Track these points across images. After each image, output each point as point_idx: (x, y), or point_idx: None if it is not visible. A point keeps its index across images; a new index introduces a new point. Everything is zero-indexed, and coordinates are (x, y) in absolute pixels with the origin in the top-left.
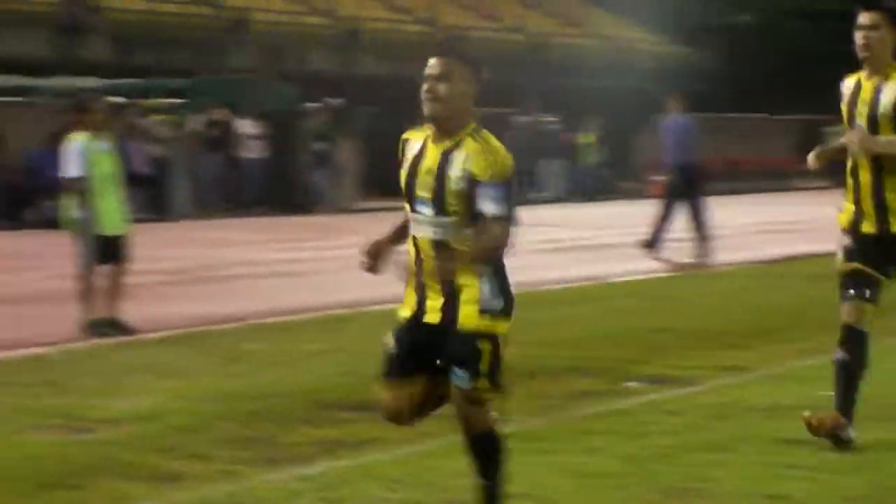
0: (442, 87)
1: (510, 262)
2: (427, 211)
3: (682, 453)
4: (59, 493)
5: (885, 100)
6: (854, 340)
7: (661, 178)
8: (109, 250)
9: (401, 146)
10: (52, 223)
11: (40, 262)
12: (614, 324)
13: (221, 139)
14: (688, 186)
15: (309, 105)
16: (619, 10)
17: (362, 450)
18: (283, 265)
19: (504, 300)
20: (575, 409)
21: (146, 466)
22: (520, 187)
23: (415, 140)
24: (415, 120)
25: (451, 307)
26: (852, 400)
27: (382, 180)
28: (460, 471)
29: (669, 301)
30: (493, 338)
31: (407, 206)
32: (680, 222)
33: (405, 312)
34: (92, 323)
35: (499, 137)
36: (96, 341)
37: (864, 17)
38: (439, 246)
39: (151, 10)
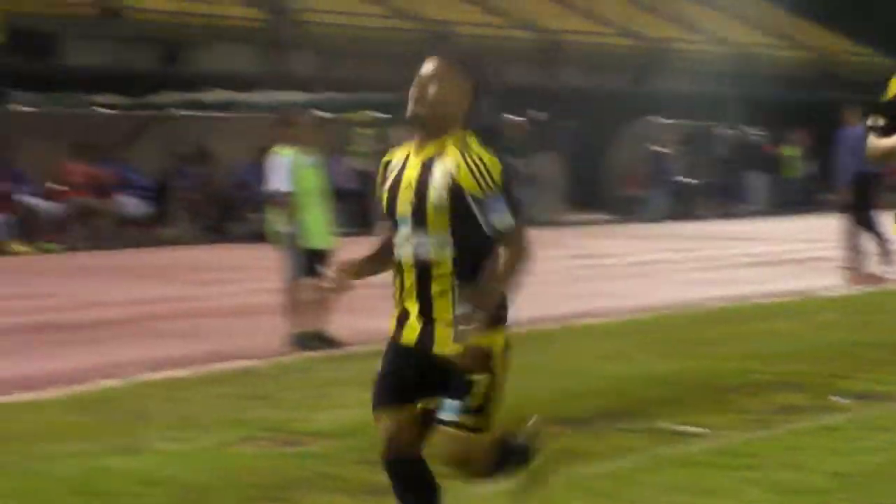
0: (431, 89)
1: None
2: (406, 228)
3: (892, 470)
4: None
5: None
6: None
7: (840, 191)
8: (316, 264)
9: (381, 168)
10: (258, 236)
11: (247, 274)
12: (819, 338)
13: None
14: (862, 198)
15: (509, 118)
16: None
17: (567, 463)
18: None
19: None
20: (781, 425)
21: (352, 479)
22: (724, 199)
23: (396, 159)
24: (615, 132)
25: (428, 331)
26: None
27: (585, 193)
28: (667, 486)
29: (875, 315)
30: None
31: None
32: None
33: (393, 335)
34: (298, 336)
35: (704, 150)
36: (303, 354)
37: None
38: (420, 266)
39: (355, 24)
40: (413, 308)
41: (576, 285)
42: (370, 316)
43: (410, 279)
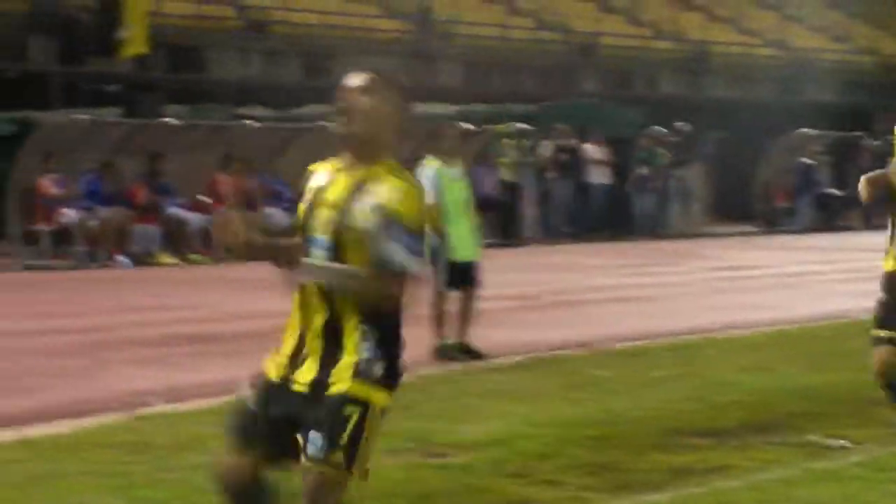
0: (364, 100)
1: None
2: (320, 254)
3: None
4: None
5: None
6: None
7: None
8: (461, 276)
9: (305, 178)
10: None
11: None
12: None
13: (570, 164)
14: None
15: (654, 129)
16: None
17: (713, 477)
18: (630, 290)
19: (386, 367)
20: None
21: (498, 492)
22: (871, 210)
23: (322, 171)
24: (761, 143)
25: (325, 374)
26: None
27: (730, 205)
28: (813, 499)
29: None
30: (364, 405)
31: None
32: None
33: (271, 372)
34: (442, 348)
35: (851, 161)
36: (448, 366)
37: None
38: (328, 298)
39: (502, 35)
40: (316, 349)
41: (718, 297)
42: (512, 328)
43: (320, 315)
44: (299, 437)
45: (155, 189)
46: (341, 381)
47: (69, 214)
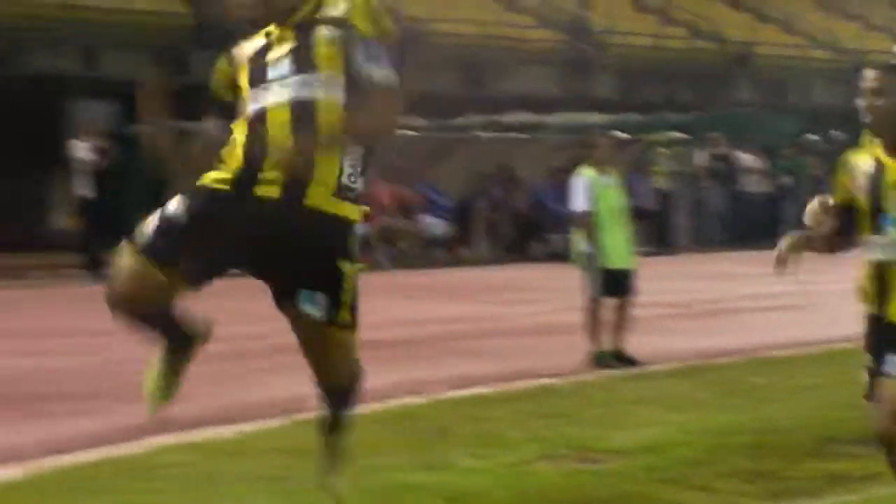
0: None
1: None
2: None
3: None
4: None
5: None
6: None
7: None
8: (616, 284)
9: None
10: (558, 256)
11: (547, 294)
12: None
13: (724, 173)
14: None
15: (805, 138)
16: None
17: (869, 484)
18: (784, 298)
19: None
20: None
21: (653, 498)
22: None
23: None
24: None
25: (296, 185)
26: None
27: None
28: None
29: None
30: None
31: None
32: None
33: (220, 177)
34: (598, 355)
35: None
36: (603, 373)
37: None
38: (300, 109)
39: (656, 45)
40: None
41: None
42: (666, 335)
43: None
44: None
45: None
46: (319, 199)
47: None
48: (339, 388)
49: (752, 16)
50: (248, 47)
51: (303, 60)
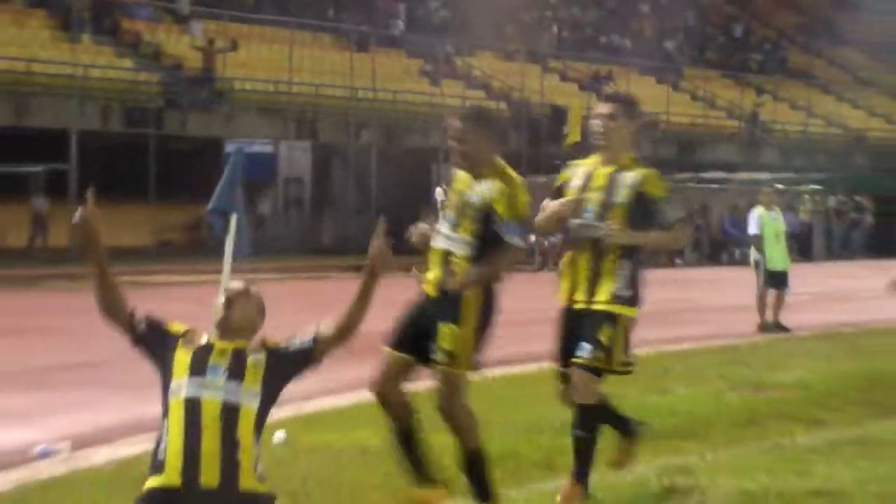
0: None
1: None
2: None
3: None
4: (748, 430)
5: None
6: None
7: None
8: (776, 279)
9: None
10: (737, 262)
11: (730, 286)
12: None
13: (845, 210)
14: None
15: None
16: None
17: None
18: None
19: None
20: None
21: (801, 416)
22: None
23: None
24: None
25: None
26: None
27: None
28: None
29: None
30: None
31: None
32: None
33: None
34: (764, 324)
35: None
36: (768, 336)
37: (602, 107)
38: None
39: (804, 131)
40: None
41: None
42: (808, 312)
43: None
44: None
45: None
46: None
47: (533, 239)
48: None
49: (865, 111)
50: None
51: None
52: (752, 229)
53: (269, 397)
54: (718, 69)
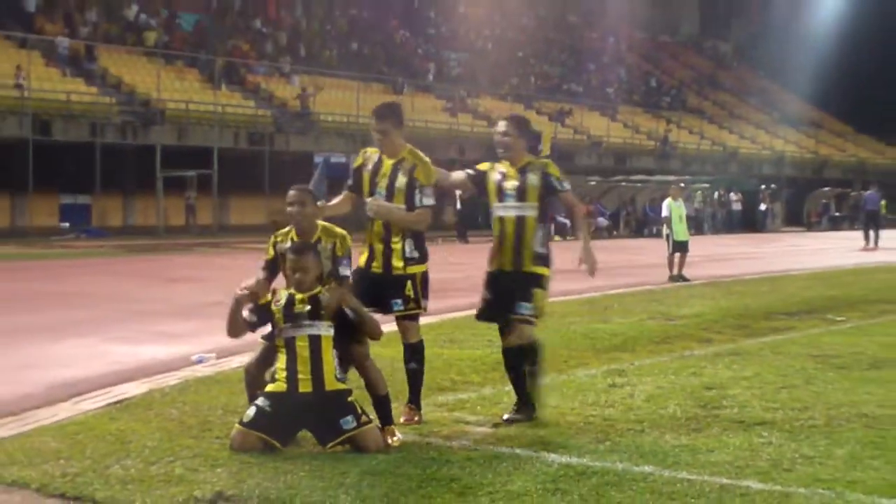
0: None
1: None
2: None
3: None
4: (662, 346)
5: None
6: None
7: None
8: (679, 247)
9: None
10: (654, 235)
11: (645, 251)
12: None
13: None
14: None
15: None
16: None
17: (789, 332)
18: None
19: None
20: (877, 317)
21: (696, 335)
22: None
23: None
24: None
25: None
26: None
27: None
28: (830, 343)
29: None
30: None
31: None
32: None
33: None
34: (672, 277)
35: None
36: (674, 284)
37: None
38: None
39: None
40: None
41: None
42: (705, 269)
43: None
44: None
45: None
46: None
47: None
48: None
49: (737, 135)
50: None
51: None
52: (664, 213)
53: (336, 326)
54: (642, 107)
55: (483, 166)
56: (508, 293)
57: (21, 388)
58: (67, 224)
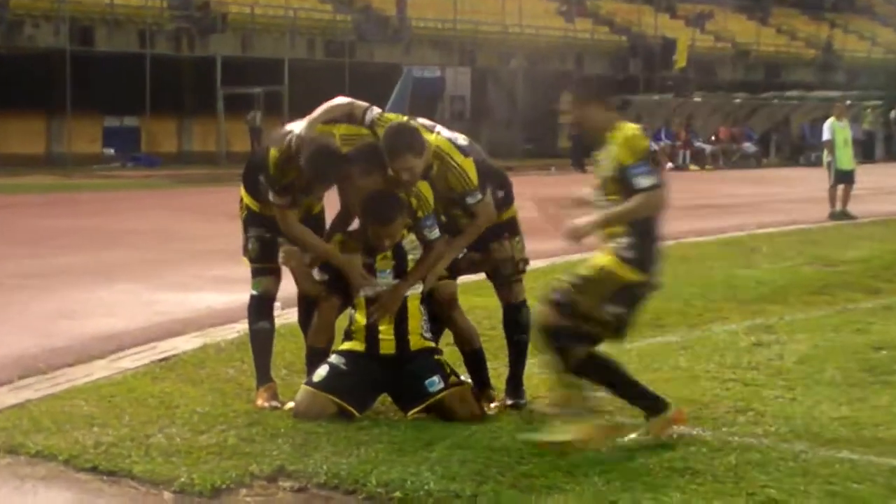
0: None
1: None
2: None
3: None
4: (819, 297)
5: None
6: None
7: None
8: (845, 176)
9: None
10: (812, 163)
11: (806, 183)
12: None
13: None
14: None
15: None
16: None
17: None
18: None
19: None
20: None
21: (861, 285)
22: None
23: None
24: None
25: None
26: None
27: None
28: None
29: None
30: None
31: None
32: None
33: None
34: (833, 213)
35: None
36: (837, 223)
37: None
38: None
39: (872, 56)
40: None
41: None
42: (868, 203)
43: None
44: None
45: (688, 132)
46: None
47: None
48: None
49: None
50: None
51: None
52: (826, 136)
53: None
54: (798, 7)
55: None
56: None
57: (52, 341)
58: (112, 150)
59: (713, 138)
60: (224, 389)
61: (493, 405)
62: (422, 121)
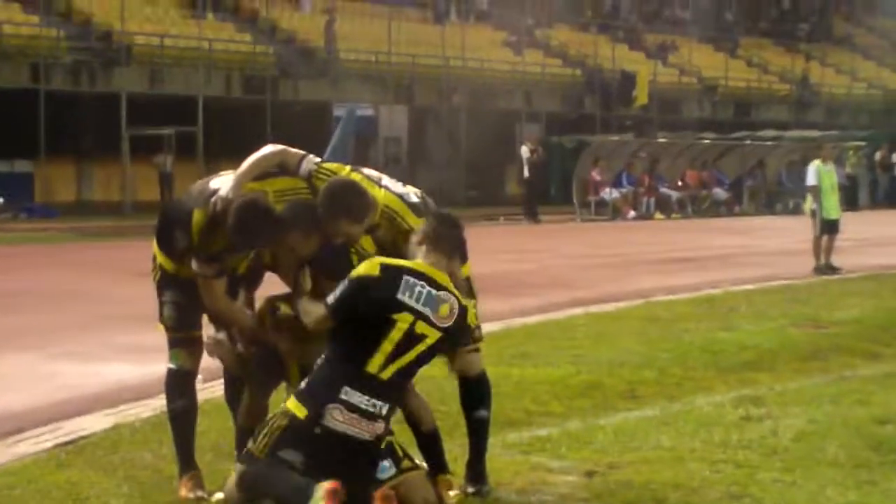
0: None
1: None
2: None
3: None
4: (812, 363)
5: None
6: None
7: None
8: (830, 226)
9: None
10: (792, 212)
11: (786, 233)
12: None
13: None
14: None
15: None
16: None
17: None
18: None
19: None
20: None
21: (858, 348)
22: None
23: None
24: None
25: None
26: None
27: None
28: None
29: None
30: None
31: None
32: None
33: None
34: (818, 267)
35: None
36: (822, 277)
37: None
38: None
39: (845, 94)
40: None
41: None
42: (856, 256)
43: None
44: None
45: (652, 177)
46: None
47: (606, 191)
48: None
49: None
50: None
51: None
52: (811, 181)
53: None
54: (771, 37)
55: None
56: None
57: None
58: (1, 200)
59: (680, 183)
60: (141, 478)
61: (452, 493)
62: (367, 171)
